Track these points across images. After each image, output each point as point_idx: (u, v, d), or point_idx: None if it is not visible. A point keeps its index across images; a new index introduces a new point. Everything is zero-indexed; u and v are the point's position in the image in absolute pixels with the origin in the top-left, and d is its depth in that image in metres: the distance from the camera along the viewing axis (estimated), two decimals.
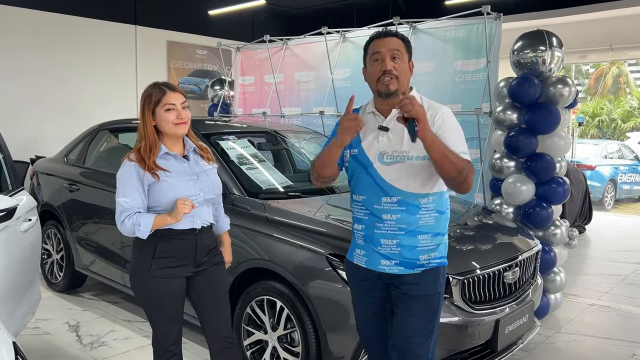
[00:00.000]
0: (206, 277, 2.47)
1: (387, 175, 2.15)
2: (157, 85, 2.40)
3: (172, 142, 2.42)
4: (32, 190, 5.09)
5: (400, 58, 2.13)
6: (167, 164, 2.37)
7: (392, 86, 2.12)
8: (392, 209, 2.15)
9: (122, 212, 2.31)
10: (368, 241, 2.23)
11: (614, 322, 4.39)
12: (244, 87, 7.06)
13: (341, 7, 10.00)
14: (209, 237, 2.50)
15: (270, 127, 4.71)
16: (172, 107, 2.34)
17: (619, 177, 11.79)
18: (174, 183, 2.34)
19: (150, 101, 2.36)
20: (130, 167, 2.33)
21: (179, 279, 2.40)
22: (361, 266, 2.28)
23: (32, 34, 7.69)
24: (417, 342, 2.19)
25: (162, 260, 2.36)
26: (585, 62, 25.32)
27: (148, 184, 2.32)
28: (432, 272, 2.19)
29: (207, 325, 2.52)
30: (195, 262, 2.43)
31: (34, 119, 7.70)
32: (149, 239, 2.34)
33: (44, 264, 4.95)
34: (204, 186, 2.42)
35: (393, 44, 2.14)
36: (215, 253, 2.54)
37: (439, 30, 5.06)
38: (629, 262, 6.33)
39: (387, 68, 2.11)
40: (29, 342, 3.75)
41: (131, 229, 2.29)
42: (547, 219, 4.07)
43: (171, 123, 2.34)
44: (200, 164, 2.47)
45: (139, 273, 2.40)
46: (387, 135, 2.16)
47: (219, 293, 2.53)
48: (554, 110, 3.96)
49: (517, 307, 3.05)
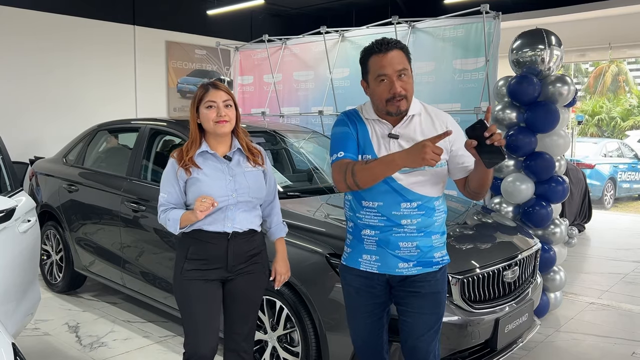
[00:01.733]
0: (240, 284, 2.41)
1: (406, 181, 2.10)
2: (204, 84, 2.38)
3: (217, 141, 2.37)
4: (31, 191, 5.09)
5: (406, 75, 2.07)
6: (204, 162, 2.34)
7: (403, 106, 2.07)
8: (413, 214, 2.12)
9: (160, 206, 2.37)
10: (383, 246, 2.16)
11: (613, 320, 4.39)
12: (243, 87, 7.07)
13: (340, 6, 10.00)
14: (246, 244, 2.39)
15: (269, 127, 4.70)
16: (212, 105, 2.30)
17: (619, 176, 11.79)
18: (205, 181, 2.31)
19: (195, 99, 2.35)
20: (171, 163, 2.37)
21: (210, 282, 2.35)
22: (370, 272, 2.20)
23: (29, 34, 7.68)
24: (426, 339, 2.21)
25: (193, 262, 2.34)
26: (585, 61, 25.29)
27: (183, 180, 2.33)
28: (442, 269, 2.23)
29: (228, 335, 2.47)
30: (229, 267, 2.36)
31: (32, 120, 7.69)
32: (185, 240, 2.37)
33: (43, 265, 4.95)
34: (238, 187, 2.34)
35: (397, 61, 2.04)
36: (255, 261, 2.43)
37: (438, 30, 5.06)
38: (628, 260, 6.33)
39: (397, 91, 2.04)
40: (28, 343, 3.75)
41: (164, 222, 2.34)
42: (546, 217, 4.07)
43: (212, 121, 2.30)
44: (242, 165, 2.39)
45: (175, 273, 2.40)
46: (398, 142, 2.11)
47: (249, 306, 2.46)
48: (553, 109, 3.95)
49: (517, 306, 3.05)
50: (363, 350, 2.36)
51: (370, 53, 2.10)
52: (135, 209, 3.84)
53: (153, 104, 9.05)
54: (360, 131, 2.16)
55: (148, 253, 3.82)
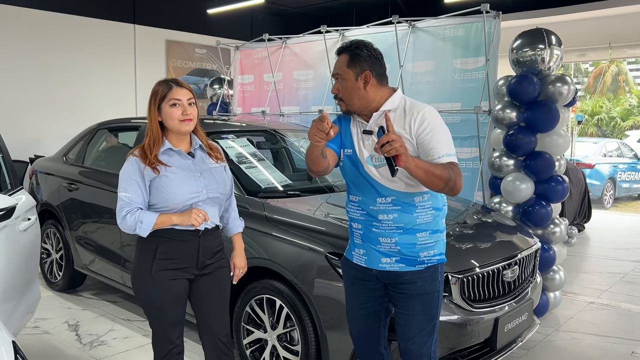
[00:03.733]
0: (209, 281, 2.41)
1: (378, 177, 2.16)
2: (165, 80, 2.35)
3: (178, 139, 2.35)
4: (31, 190, 5.09)
5: (341, 78, 2.17)
6: (169, 159, 2.31)
7: (343, 107, 2.22)
8: (388, 209, 2.16)
9: (123, 207, 2.25)
10: (366, 240, 2.24)
11: (613, 320, 4.40)
12: (243, 86, 7.06)
13: (340, 5, 10.00)
14: (213, 240, 2.42)
15: (269, 126, 4.70)
16: (177, 103, 2.28)
17: (618, 176, 11.80)
18: (174, 178, 2.28)
19: (157, 96, 2.30)
20: (132, 162, 2.29)
21: (180, 281, 2.34)
22: (360, 265, 2.28)
23: (29, 33, 7.67)
24: (418, 341, 2.21)
25: (163, 262, 2.30)
26: (585, 61, 25.29)
27: (149, 179, 2.27)
28: (429, 269, 2.20)
29: (205, 331, 2.47)
30: (198, 265, 2.36)
31: (31, 118, 7.69)
32: (151, 239, 2.29)
33: (43, 264, 4.95)
34: (207, 184, 2.34)
35: (337, 65, 2.20)
36: (220, 257, 2.46)
37: (438, 29, 5.06)
38: (628, 260, 6.34)
39: (333, 91, 2.22)
40: (28, 342, 3.75)
41: (132, 225, 2.23)
42: (546, 217, 4.07)
43: (176, 119, 2.28)
44: (207, 161, 2.40)
45: (140, 274, 2.34)
46: (372, 138, 2.18)
47: (221, 299, 2.46)
48: (553, 109, 3.95)
49: (517, 305, 3.05)
50: (358, 340, 2.42)
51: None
52: None
53: None
54: (344, 127, 2.29)
55: None
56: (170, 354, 2.38)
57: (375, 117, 2.18)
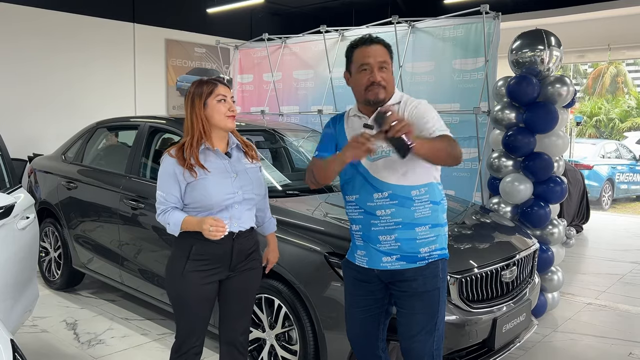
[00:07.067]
0: (239, 281, 2.41)
1: (375, 171, 2.18)
2: (206, 79, 2.35)
3: (218, 138, 2.35)
4: (29, 188, 5.08)
5: (387, 68, 2.19)
6: (206, 159, 2.31)
7: (381, 95, 2.18)
8: (385, 204, 2.17)
9: (159, 205, 2.32)
10: (367, 240, 2.25)
11: (611, 321, 4.40)
12: (243, 86, 7.07)
13: (340, 5, 10.00)
14: (247, 241, 2.40)
15: (269, 126, 4.70)
16: (224, 99, 2.30)
17: (617, 177, 11.82)
18: (211, 180, 2.27)
19: (202, 92, 2.29)
20: (169, 163, 2.30)
21: (211, 285, 2.34)
22: (362, 267, 2.28)
23: (27, 31, 7.65)
24: (420, 339, 2.20)
25: (196, 262, 2.30)
26: (584, 62, 25.35)
27: (187, 182, 2.28)
28: (430, 266, 2.20)
29: (225, 330, 2.48)
30: (231, 266, 2.37)
31: (30, 117, 7.67)
32: (186, 239, 2.30)
33: (41, 262, 4.94)
34: (243, 184, 2.34)
35: (380, 54, 2.18)
36: (253, 258, 2.45)
37: (438, 29, 5.07)
38: (626, 261, 6.35)
39: (377, 80, 2.16)
40: (26, 340, 3.75)
41: (164, 224, 2.30)
42: (544, 218, 4.08)
43: (223, 114, 2.29)
44: (242, 161, 2.40)
45: (173, 271, 2.35)
46: (372, 132, 2.17)
47: (247, 299, 2.48)
48: (552, 110, 3.96)
49: (515, 305, 3.05)
50: (355, 342, 2.42)
51: (355, 46, 2.24)
52: (134, 206, 3.84)
53: (152, 102, 9.03)
54: (339, 130, 2.30)
55: (146, 251, 3.82)
56: (189, 353, 2.39)
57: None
